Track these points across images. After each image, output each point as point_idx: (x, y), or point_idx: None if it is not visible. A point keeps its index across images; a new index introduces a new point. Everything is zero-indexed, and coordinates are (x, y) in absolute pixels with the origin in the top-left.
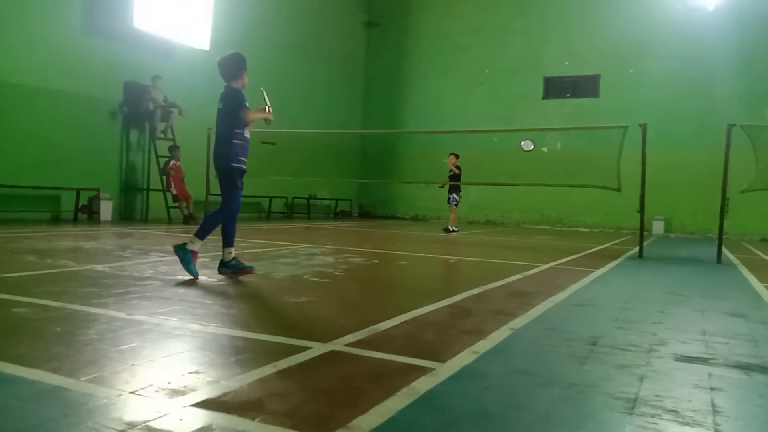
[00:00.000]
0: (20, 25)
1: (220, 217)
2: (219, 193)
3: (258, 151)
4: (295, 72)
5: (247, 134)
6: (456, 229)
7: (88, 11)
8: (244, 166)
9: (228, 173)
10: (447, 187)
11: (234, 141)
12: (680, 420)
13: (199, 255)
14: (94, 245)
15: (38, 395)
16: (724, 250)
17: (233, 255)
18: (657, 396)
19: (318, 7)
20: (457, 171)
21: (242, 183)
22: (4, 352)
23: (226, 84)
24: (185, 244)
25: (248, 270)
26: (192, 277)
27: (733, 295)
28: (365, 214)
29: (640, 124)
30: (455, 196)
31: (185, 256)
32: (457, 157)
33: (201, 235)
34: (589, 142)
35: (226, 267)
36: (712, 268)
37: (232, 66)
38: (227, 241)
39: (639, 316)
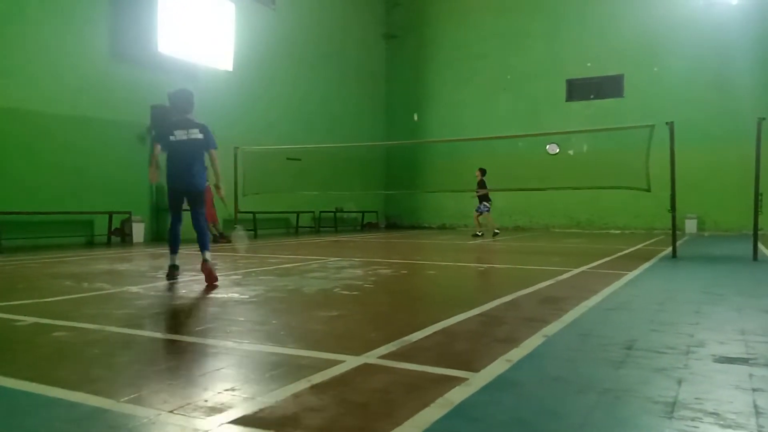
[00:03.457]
0: (50, 55)
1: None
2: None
3: (284, 167)
4: (317, 87)
5: None
6: (480, 234)
7: (114, 39)
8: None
9: (202, 193)
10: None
11: (204, 166)
12: (722, 423)
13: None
14: (128, 267)
15: (81, 417)
16: (760, 246)
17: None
18: (697, 399)
19: (337, 22)
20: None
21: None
22: (47, 376)
23: (188, 116)
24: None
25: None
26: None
27: None
28: (392, 225)
29: (667, 123)
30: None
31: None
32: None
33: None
34: (616, 142)
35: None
36: (748, 265)
37: (190, 100)
38: (175, 249)
39: (675, 318)
